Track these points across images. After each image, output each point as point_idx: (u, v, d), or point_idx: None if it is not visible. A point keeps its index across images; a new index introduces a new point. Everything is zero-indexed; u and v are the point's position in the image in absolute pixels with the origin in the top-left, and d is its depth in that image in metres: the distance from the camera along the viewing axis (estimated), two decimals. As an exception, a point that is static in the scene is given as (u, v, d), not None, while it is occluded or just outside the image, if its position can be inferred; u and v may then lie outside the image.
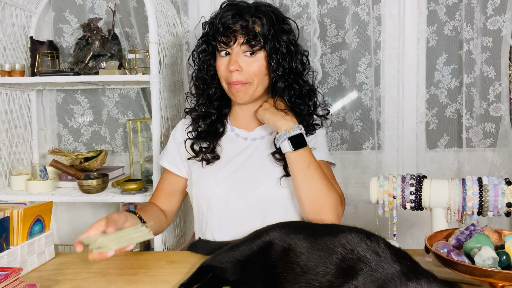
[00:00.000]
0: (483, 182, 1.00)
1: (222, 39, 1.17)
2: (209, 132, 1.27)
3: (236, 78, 1.17)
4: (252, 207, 1.18)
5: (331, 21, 1.86)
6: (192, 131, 1.30)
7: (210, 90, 1.27)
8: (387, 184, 1.06)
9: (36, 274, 1.02)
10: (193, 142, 1.28)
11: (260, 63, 1.19)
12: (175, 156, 1.32)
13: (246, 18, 1.17)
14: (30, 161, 1.96)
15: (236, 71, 1.17)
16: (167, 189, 1.34)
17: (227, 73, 1.19)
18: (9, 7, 1.80)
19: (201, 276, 0.90)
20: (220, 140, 1.28)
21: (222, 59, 1.20)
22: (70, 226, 2.10)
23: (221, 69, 1.20)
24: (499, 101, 1.77)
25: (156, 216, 1.27)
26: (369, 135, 1.87)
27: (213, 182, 1.22)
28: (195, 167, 1.27)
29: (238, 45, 1.17)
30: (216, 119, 1.29)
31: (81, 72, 1.76)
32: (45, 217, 1.08)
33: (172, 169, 1.32)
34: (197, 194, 1.25)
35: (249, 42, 1.16)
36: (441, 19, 1.80)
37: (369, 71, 1.84)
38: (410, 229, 1.87)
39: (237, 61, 1.17)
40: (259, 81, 1.20)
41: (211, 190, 1.22)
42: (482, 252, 0.77)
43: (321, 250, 0.77)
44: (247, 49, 1.18)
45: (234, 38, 1.17)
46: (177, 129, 1.35)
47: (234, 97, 1.22)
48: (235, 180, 1.22)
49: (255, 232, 0.93)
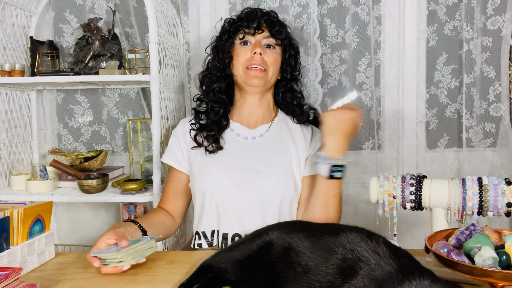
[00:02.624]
0: (483, 182, 0.99)
1: (251, 29, 1.29)
2: (212, 123, 1.32)
3: (257, 60, 1.27)
4: (254, 200, 1.21)
5: (331, 21, 1.86)
6: (195, 123, 1.34)
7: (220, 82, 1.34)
8: (387, 184, 1.06)
9: (36, 274, 1.02)
10: (196, 133, 1.32)
11: (276, 56, 1.31)
12: (177, 151, 1.34)
13: (274, 16, 1.34)
14: (30, 161, 1.96)
15: (259, 55, 1.27)
16: (173, 190, 1.35)
17: (248, 58, 1.28)
18: (9, 7, 1.80)
19: (201, 276, 0.90)
20: (223, 133, 1.32)
21: (242, 47, 1.30)
22: (70, 226, 2.10)
23: (241, 55, 1.29)
24: (499, 101, 1.77)
25: (162, 221, 1.29)
26: (369, 135, 1.87)
27: (216, 173, 1.25)
28: (196, 160, 1.30)
29: (262, 36, 1.30)
30: (221, 113, 1.34)
31: (81, 72, 1.76)
32: (45, 217, 1.08)
33: (174, 164, 1.34)
34: (199, 186, 1.26)
35: (274, 35, 1.30)
36: (441, 19, 1.80)
37: (369, 71, 1.84)
38: (410, 229, 1.87)
39: (261, 47, 1.28)
40: (273, 72, 1.30)
41: (214, 181, 1.24)
42: (482, 252, 0.77)
43: (322, 249, 0.77)
44: (269, 42, 1.30)
45: (261, 30, 1.29)
46: (178, 128, 1.39)
47: (249, 81, 1.28)
48: (239, 174, 1.25)
49: (255, 232, 0.93)
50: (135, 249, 1.02)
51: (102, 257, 0.99)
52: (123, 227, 1.08)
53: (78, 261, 1.10)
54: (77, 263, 1.08)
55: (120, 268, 0.99)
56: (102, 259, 0.99)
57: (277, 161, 1.26)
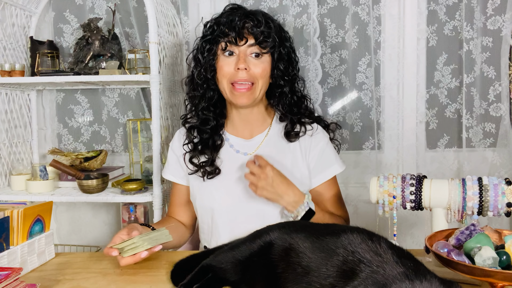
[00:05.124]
0: (483, 182, 0.99)
1: (231, 38, 1.16)
2: (206, 145, 1.25)
3: (243, 76, 1.16)
4: (255, 217, 1.19)
5: (331, 21, 1.86)
6: (188, 143, 1.28)
7: (209, 93, 1.25)
8: (387, 184, 1.06)
9: (36, 274, 1.02)
10: (192, 156, 1.26)
11: (265, 65, 1.19)
12: (177, 167, 1.32)
13: (259, 19, 1.17)
14: (30, 161, 1.96)
15: (244, 70, 1.15)
16: (178, 201, 1.34)
17: (232, 72, 1.17)
18: (9, 7, 1.80)
19: (201, 276, 0.90)
20: (219, 153, 1.26)
21: (226, 59, 1.18)
22: (70, 226, 2.10)
23: (225, 68, 1.18)
24: (499, 101, 1.77)
25: (174, 226, 1.27)
26: (369, 135, 1.87)
27: (216, 193, 1.22)
28: (195, 180, 1.26)
29: (247, 45, 1.17)
30: (214, 129, 1.26)
31: (81, 72, 1.76)
32: (45, 217, 1.08)
33: (176, 180, 1.32)
34: (200, 205, 1.25)
35: (260, 43, 1.16)
36: (441, 19, 1.80)
37: (369, 71, 1.84)
38: (410, 229, 1.87)
39: (246, 60, 1.16)
40: (262, 83, 1.20)
41: (213, 201, 1.22)
42: (482, 252, 0.77)
43: (323, 251, 0.77)
44: (255, 51, 1.17)
45: (244, 38, 1.16)
46: (174, 141, 1.34)
47: (235, 100, 1.19)
48: (237, 191, 1.22)
49: (255, 232, 0.93)
50: (149, 236, 1.02)
51: (120, 246, 1.00)
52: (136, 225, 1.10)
53: (78, 261, 1.10)
54: (77, 263, 1.08)
55: (138, 256, 0.99)
56: (120, 249, 1.00)
57: None
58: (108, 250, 1.00)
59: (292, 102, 1.27)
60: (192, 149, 1.27)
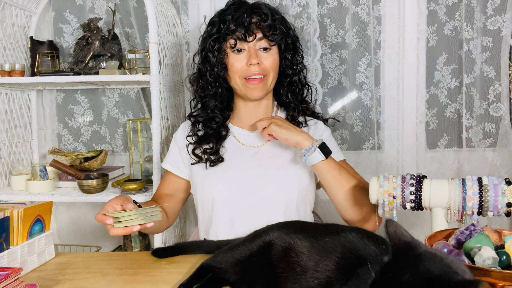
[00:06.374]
0: (483, 182, 0.99)
1: (240, 35, 1.19)
2: (212, 135, 1.27)
3: (255, 71, 1.19)
4: (257, 207, 1.19)
5: (331, 21, 1.86)
6: (192, 136, 1.30)
7: (219, 90, 1.27)
8: (387, 184, 1.06)
9: (36, 274, 1.02)
10: (195, 147, 1.27)
11: (275, 57, 1.24)
12: (177, 158, 1.32)
13: (265, 12, 1.20)
14: (30, 161, 1.96)
15: (256, 65, 1.19)
16: (167, 191, 1.34)
17: (244, 68, 1.20)
18: (9, 7, 1.80)
19: (201, 276, 0.90)
20: (224, 142, 1.28)
21: (236, 56, 1.21)
22: (70, 226, 2.10)
23: (236, 65, 1.21)
24: (499, 101, 1.77)
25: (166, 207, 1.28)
26: (369, 135, 1.87)
27: (218, 181, 1.22)
28: (198, 168, 1.27)
29: (256, 40, 1.20)
30: (220, 122, 1.29)
31: (81, 72, 1.76)
32: (45, 217, 1.08)
33: (174, 171, 1.32)
34: (202, 194, 1.25)
35: (269, 37, 1.20)
36: (441, 19, 1.80)
37: (369, 71, 1.84)
38: (410, 229, 1.86)
39: (257, 55, 1.20)
40: (273, 75, 1.24)
41: (216, 189, 1.22)
42: (482, 252, 0.77)
43: (322, 250, 0.77)
44: (264, 45, 1.21)
45: (253, 34, 1.19)
46: (178, 132, 1.36)
47: (249, 93, 1.22)
48: (240, 180, 1.22)
49: (255, 232, 0.93)
50: (143, 211, 1.01)
51: (116, 215, 0.97)
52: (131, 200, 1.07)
53: (78, 261, 1.10)
54: (77, 263, 1.08)
55: (130, 229, 0.97)
56: (116, 218, 0.97)
57: (277, 166, 1.23)
58: (102, 217, 0.97)
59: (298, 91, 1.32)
60: (196, 140, 1.28)
